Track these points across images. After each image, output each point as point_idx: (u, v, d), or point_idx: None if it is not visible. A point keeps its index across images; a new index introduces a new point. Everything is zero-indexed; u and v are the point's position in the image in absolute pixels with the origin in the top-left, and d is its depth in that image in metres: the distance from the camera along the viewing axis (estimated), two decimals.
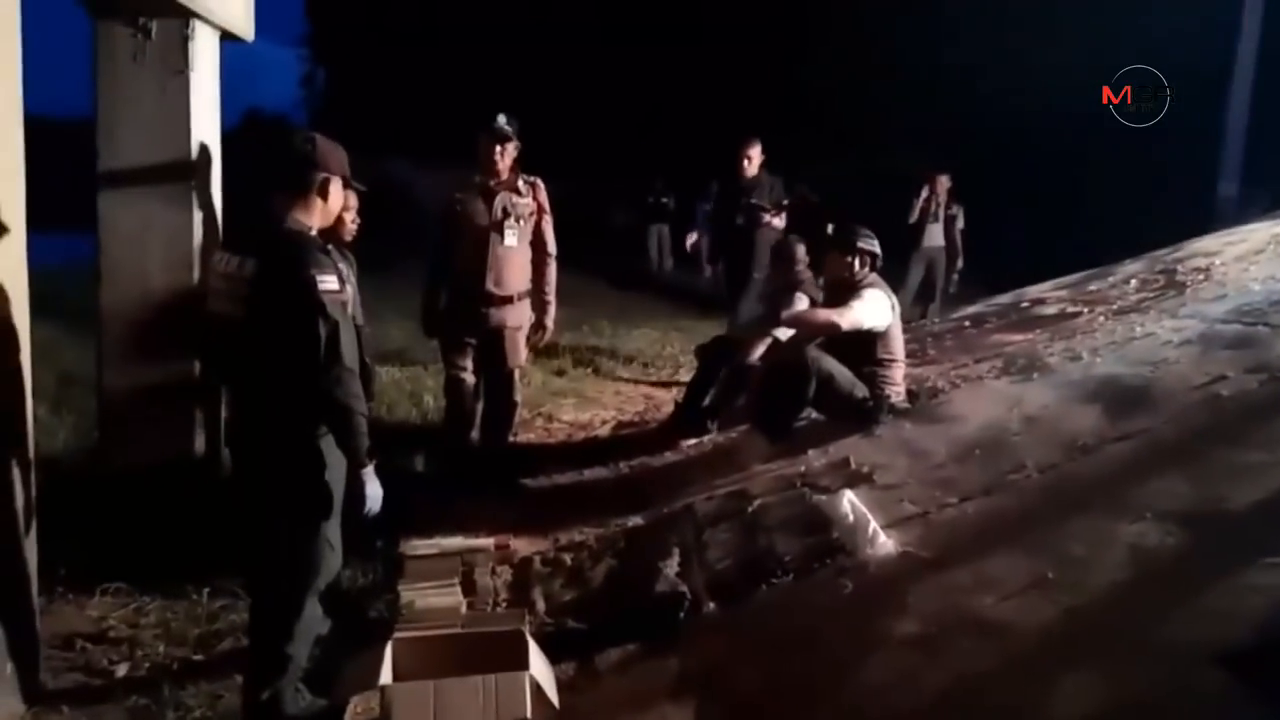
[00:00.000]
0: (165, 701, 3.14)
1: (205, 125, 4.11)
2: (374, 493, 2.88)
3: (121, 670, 3.32)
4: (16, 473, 2.96)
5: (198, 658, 3.41)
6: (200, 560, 3.73)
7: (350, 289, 3.19)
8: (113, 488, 3.94)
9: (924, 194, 9.23)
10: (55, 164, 4.66)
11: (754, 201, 6.81)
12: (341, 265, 3.12)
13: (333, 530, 2.96)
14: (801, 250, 5.52)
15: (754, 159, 6.93)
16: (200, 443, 4.12)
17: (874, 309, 4.47)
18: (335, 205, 3.04)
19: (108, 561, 3.78)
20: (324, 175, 2.95)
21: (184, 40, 3.98)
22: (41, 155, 3.25)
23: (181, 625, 3.59)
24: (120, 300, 4.00)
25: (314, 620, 3.01)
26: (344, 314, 2.81)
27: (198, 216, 4.03)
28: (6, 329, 2.90)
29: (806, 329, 4.65)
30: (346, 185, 3.07)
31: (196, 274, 3.99)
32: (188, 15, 3.96)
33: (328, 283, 2.76)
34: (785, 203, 6.87)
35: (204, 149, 4.08)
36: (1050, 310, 6.15)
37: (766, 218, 6.78)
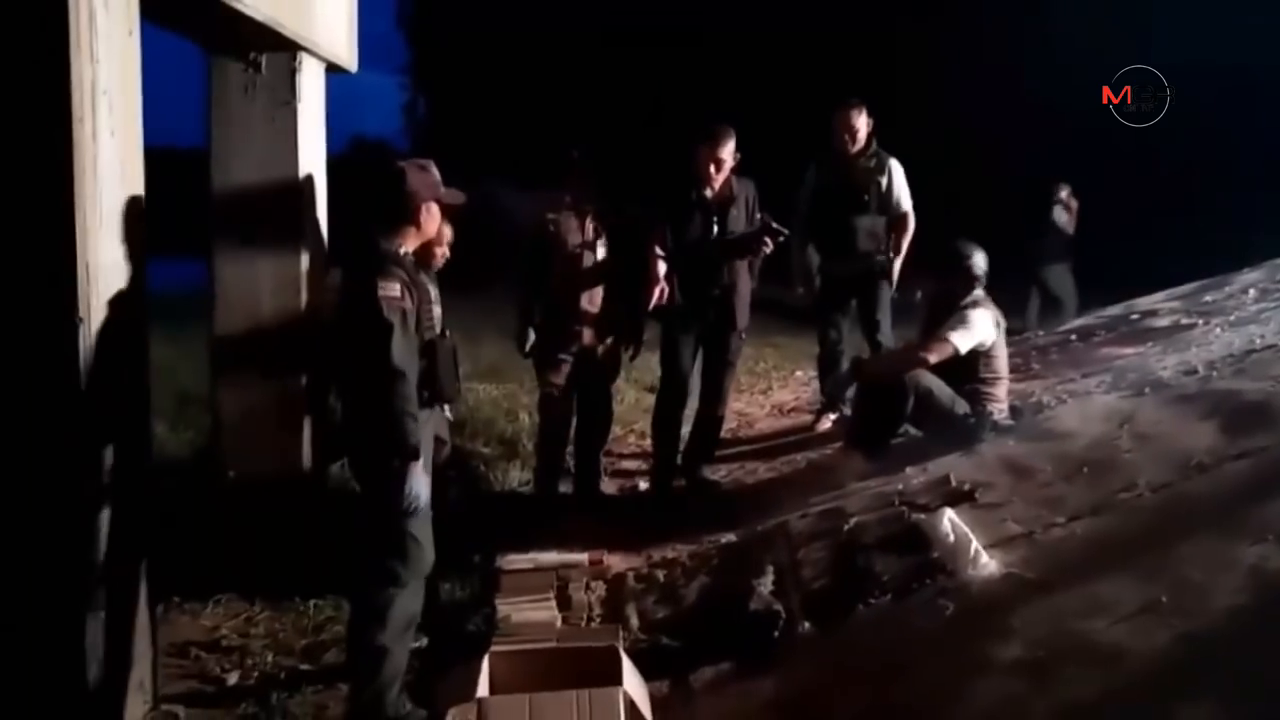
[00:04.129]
0: (273, 709, 3.25)
1: (312, 153, 4.27)
2: (416, 490, 3.00)
3: (232, 678, 3.45)
4: (137, 487, 3.11)
5: (305, 667, 3.52)
6: (307, 572, 3.85)
7: (436, 309, 3.33)
8: (226, 501, 4.10)
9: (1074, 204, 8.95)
10: (172, 192, 4.89)
11: (770, 221, 4.58)
12: (431, 288, 3.29)
13: (418, 526, 3.07)
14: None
15: (725, 161, 4.60)
16: (308, 457, 4.25)
17: (974, 333, 4.31)
18: (430, 228, 3.24)
19: (221, 573, 3.94)
20: (419, 204, 3.15)
21: (291, 73, 4.15)
22: (160, 184, 3.44)
23: (289, 635, 3.72)
24: (232, 322, 4.17)
25: (406, 615, 3.11)
26: (401, 319, 2.97)
27: (305, 241, 4.18)
28: (129, 351, 3.05)
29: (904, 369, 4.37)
30: (442, 206, 3.23)
31: (304, 297, 4.13)
32: (295, 49, 4.13)
33: (388, 289, 2.95)
34: (760, 218, 4.66)
35: (311, 176, 4.23)
36: (1163, 322, 5.90)
37: (768, 244, 4.56)
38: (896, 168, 5.36)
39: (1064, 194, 8.96)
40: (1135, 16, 12.46)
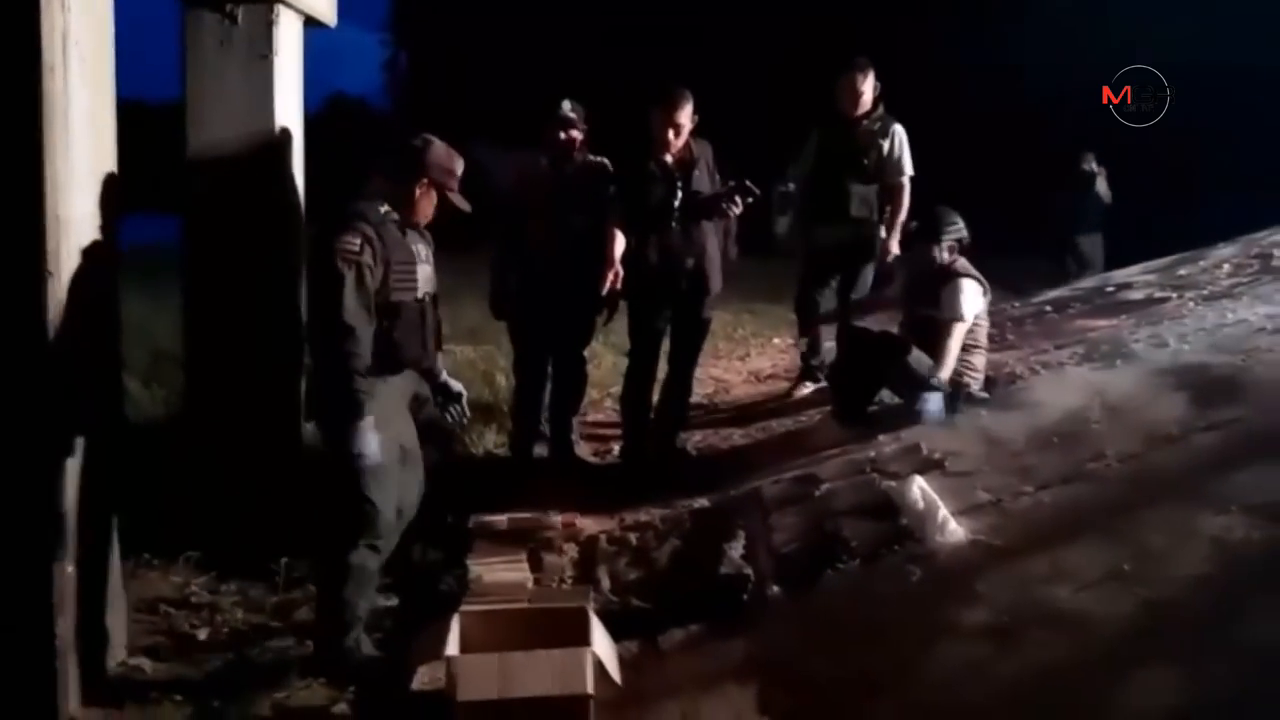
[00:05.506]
0: (242, 666, 3.27)
1: (289, 109, 4.20)
2: (366, 448, 3.01)
3: (202, 635, 3.45)
4: (108, 443, 3.09)
5: (275, 624, 3.52)
6: (279, 530, 3.84)
7: (425, 267, 3.31)
8: (198, 459, 4.08)
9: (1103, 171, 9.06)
10: (148, 145, 4.82)
11: (744, 181, 4.42)
12: (419, 245, 3.27)
13: (374, 488, 3.08)
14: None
15: (684, 126, 4.39)
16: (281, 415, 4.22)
17: (973, 302, 4.33)
18: (422, 208, 3.24)
19: (192, 530, 3.93)
20: (422, 178, 3.16)
21: (268, 26, 4.07)
22: (135, 137, 3.39)
23: (260, 593, 3.73)
24: (206, 278, 4.13)
25: (364, 572, 3.16)
26: (356, 273, 2.98)
27: (281, 198, 4.13)
28: (100, 306, 3.02)
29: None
30: (442, 194, 3.23)
31: (279, 254, 4.10)
32: (272, 1, 4.05)
33: (345, 241, 2.98)
34: (733, 180, 4.50)
35: (287, 132, 4.17)
36: (1137, 295, 5.95)
37: (736, 205, 4.39)
38: (900, 132, 5.22)
39: (1094, 164, 9.06)
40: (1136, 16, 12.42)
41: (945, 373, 4.29)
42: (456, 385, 3.48)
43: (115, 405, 3.16)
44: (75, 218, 2.85)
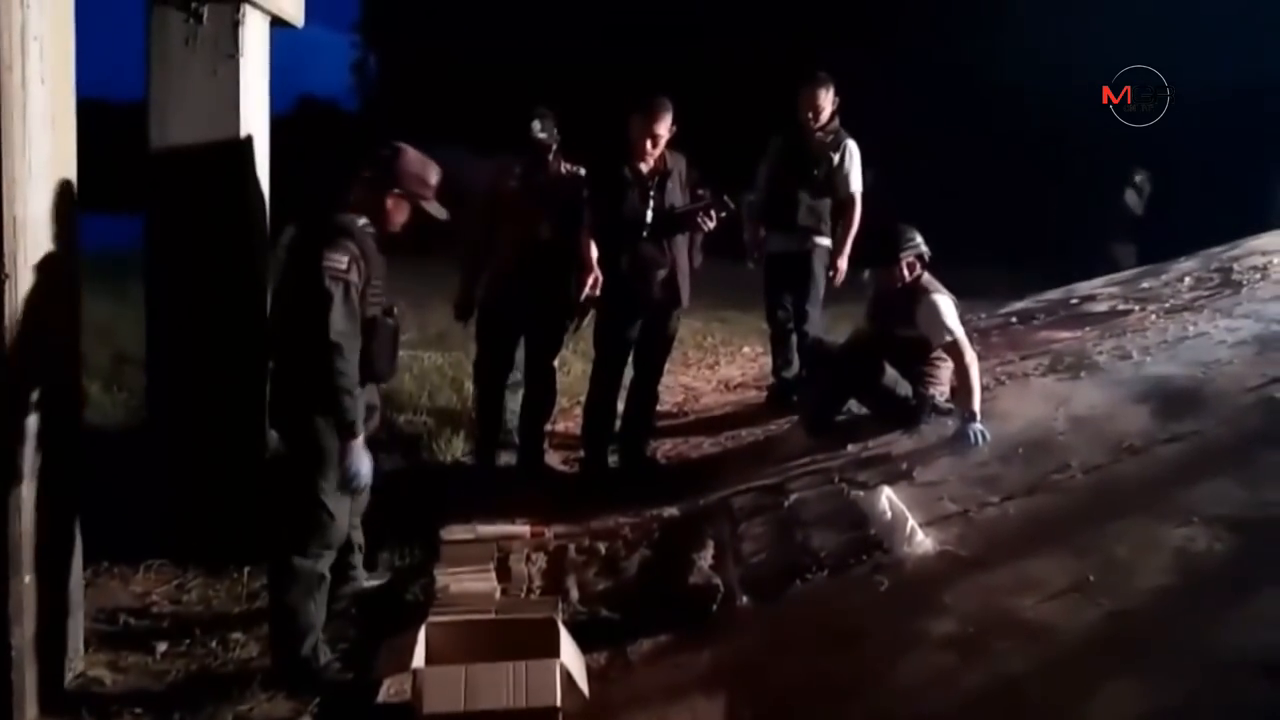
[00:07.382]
0: (204, 676, 3.22)
1: (255, 110, 4.15)
2: (360, 467, 3.06)
3: (163, 645, 3.38)
4: (67, 448, 3.03)
5: (237, 636, 3.46)
6: (243, 538, 3.79)
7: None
8: (161, 465, 4.01)
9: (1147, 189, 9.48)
10: (109, 147, 4.74)
11: (721, 195, 4.49)
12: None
13: (331, 498, 3.10)
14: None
15: (661, 136, 4.39)
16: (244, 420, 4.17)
17: (956, 317, 4.23)
18: (395, 218, 3.21)
19: (153, 538, 3.86)
20: (393, 188, 3.15)
21: (235, 26, 4.02)
22: (95, 138, 3.33)
23: (223, 602, 3.67)
24: (169, 281, 4.06)
25: (313, 578, 3.15)
26: (343, 292, 2.98)
27: (246, 200, 4.08)
28: (59, 308, 2.96)
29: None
30: (415, 204, 3.21)
31: (244, 257, 4.04)
32: (238, 1, 4.01)
33: (333, 259, 2.96)
34: (701, 193, 4.54)
35: (253, 133, 4.12)
36: (1100, 307, 6.02)
37: (711, 219, 4.45)
38: (852, 148, 5.29)
39: (1139, 179, 9.35)
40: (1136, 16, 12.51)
41: (977, 402, 3.99)
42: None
43: (74, 410, 3.10)
44: (33, 218, 2.80)
